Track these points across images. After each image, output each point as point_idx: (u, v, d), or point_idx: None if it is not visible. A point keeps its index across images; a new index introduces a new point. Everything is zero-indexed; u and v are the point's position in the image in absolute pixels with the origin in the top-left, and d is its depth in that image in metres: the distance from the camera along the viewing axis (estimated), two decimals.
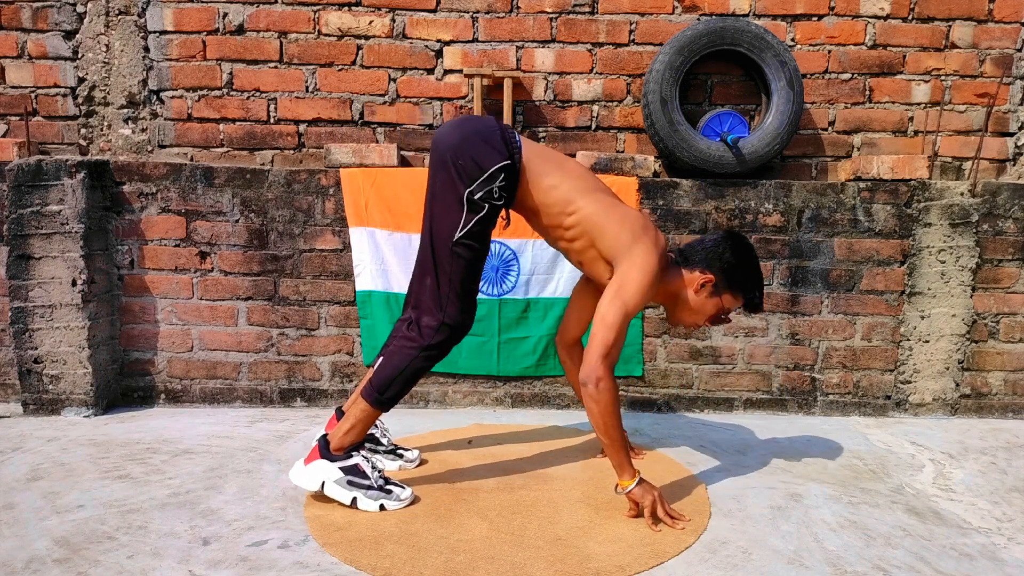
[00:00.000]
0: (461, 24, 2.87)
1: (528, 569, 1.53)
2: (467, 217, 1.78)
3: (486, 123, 1.84)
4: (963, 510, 1.91)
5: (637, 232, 1.80)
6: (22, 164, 2.52)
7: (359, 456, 1.85)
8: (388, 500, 1.82)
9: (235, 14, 2.84)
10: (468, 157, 1.78)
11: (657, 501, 1.75)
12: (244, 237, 2.67)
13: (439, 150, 1.83)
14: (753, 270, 1.89)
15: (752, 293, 1.89)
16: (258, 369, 2.73)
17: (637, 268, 1.76)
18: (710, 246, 1.89)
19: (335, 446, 1.84)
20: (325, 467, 1.82)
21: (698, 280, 1.87)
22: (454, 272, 1.81)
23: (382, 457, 2.07)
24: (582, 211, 1.82)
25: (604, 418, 1.72)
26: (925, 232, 2.68)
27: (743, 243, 1.90)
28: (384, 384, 1.84)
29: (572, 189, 1.83)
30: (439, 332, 1.82)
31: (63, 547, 1.60)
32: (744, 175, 2.72)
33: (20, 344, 2.57)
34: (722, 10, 2.87)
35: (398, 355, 1.85)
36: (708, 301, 1.89)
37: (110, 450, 2.23)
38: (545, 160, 1.86)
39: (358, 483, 1.82)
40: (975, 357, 2.76)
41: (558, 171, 1.85)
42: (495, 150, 1.78)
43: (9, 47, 2.86)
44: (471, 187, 1.77)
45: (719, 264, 1.86)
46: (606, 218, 1.81)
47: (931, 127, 2.94)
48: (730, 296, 1.89)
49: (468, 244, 1.80)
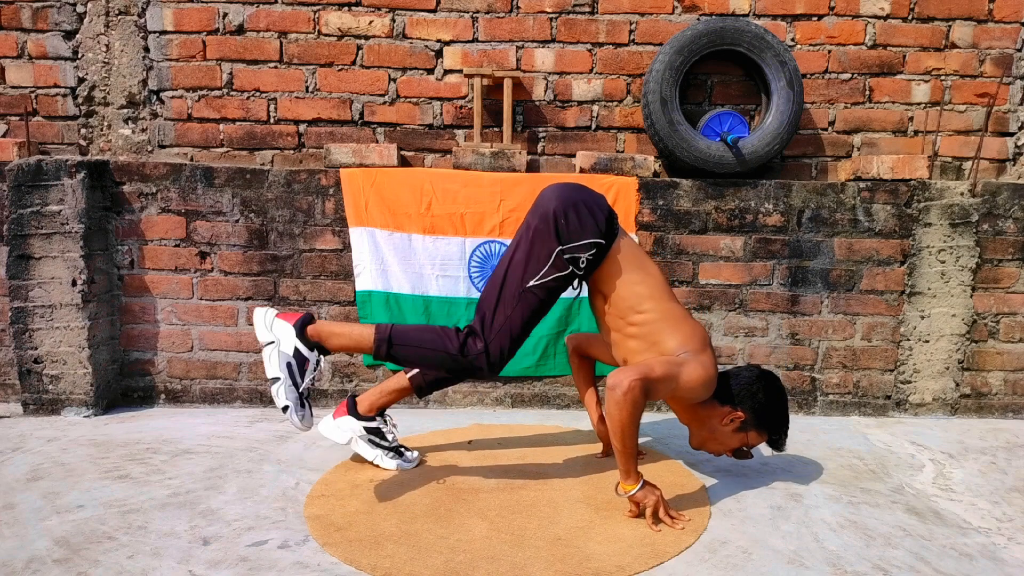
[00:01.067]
0: (461, 24, 2.87)
1: (528, 569, 1.53)
2: (549, 270, 1.83)
3: (598, 196, 1.92)
4: (963, 510, 1.91)
5: (704, 343, 1.85)
6: (22, 164, 2.52)
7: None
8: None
9: (235, 14, 2.84)
10: (575, 220, 1.83)
11: (659, 502, 1.75)
12: (244, 237, 2.67)
13: (548, 202, 1.86)
14: (782, 412, 1.93)
15: (778, 434, 1.94)
16: (258, 369, 2.73)
17: (700, 366, 1.78)
18: (744, 383, 1.91)
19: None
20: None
21: (728, 415, 1.90)
22: (516, 312, 1.84)
23: (382, 454, 2.08)
24: (652, 314, 1.86)
25: (623, 426, 1.70)
26: (925, 232, 2.68)
27: (776, 385, 1.94)
28: (402, 340, 1.84)
29: (650, 291, 1.88)
30: (477, 358, 1.84)
31: (63, 547, 1.60)
32: (744, 175, 2.73)
33: (20, 344, 2.57)
34: (722, 10, 2.87)
35: (437, 335, 1.85)
36: (734, 436, 1.93)
37: (110, 450, 2.23)
38: (634, 256, 1.91)
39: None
40: (975, 357, 2.76)
41: (641, 270, 1.90)
42: (595, 226, 1.84)
43: (9, 47, 2.86)
44: (564, 246, 1.82)
45: (751, 403, 1.89)
46: (676, 327, 1.85)
47: (931, 127, 2.94)
48: (756, 433, 1.93)
49: (538, 293, 1.84)
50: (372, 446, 2.07)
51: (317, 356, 1.86)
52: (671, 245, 2.71)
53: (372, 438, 2.07)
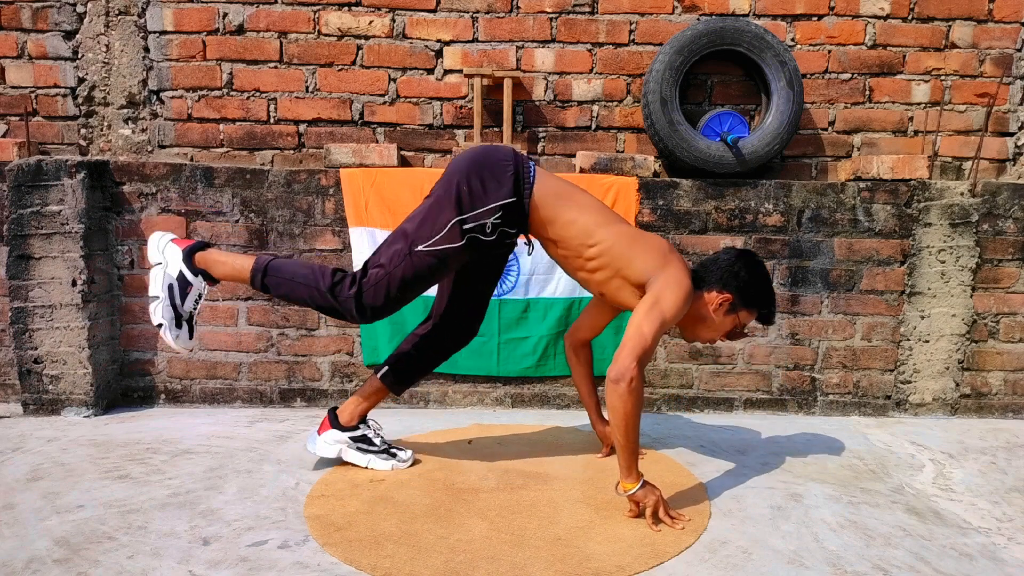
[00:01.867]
0: (461, 24, 2.87)
1: (528, 569, 1.53)
2: (440, 239, 1.80)
3: (503, 152, 1.87)
4: (963, 510, 1.91)
5: (665, 256, 1.85)
6: (22, 164, 2.52)
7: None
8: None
9: (235, 14, 2.84)
10: (478, 186, 1.80)
11: (659, 502, 1.75)
12: (244, 237, 2.67)
13: (453, 167, 1.86)
14: (766, 286, 1.95)
15: (767, 308, 1.95)
16: (258, 369, 2.74)
17: (673, 285, 1.80)
18: (725, 266, 1.92)
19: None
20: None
21: (716, 300, 1.91)
22: (401, 268, 1.82)
23: (374, 457, 2.08)
24: (603, 243, 1.85)
25: (627, 419, 1.70)
26: (925, 232, 2.68)
27: (755, 260, 1.96)
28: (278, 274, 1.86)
29: (594, 221, 1.87)
30: (347, 299, 1.83)
31: (63, 547, 1.60)
32: (744, 175, 2.73)
33: (20, 344, 2.57)
34: (722, 10, 2.87)
35: (312, 271, 1.86)
36: (726, 319, 1.94)
37: (110, 450, 2.23)
38: (560, 194, 1.89)
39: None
40: (975, 357, 2.76)
41: (575, 206, 1.88)
42: (503, 185, 1.81)
43: (9, 47, 2.86)
44: (463, 216, 1.80)
45: (735, 283, 1.90)
46: (631, 248, 1.85)
47: (931, 127, 2.94)
48: (746, 312, 1.95)
49: (423, 258, 1.81)
50: (362, 452, 2.08)
51: (202, 282, 1.89)
52: None
53: (360, 445, 2.08)
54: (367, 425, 2.11)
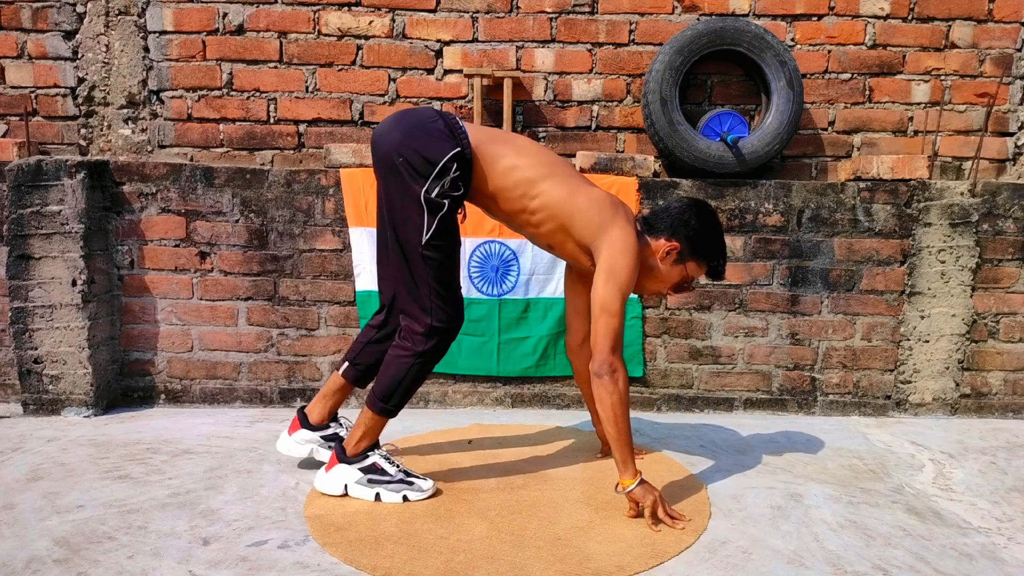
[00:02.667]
0: (461, 24, 2.87)
1: (528, 569, 1.53)
2: (429, 219, 1.74)
3: (426, 113, 1.79)
4: (963, 510, 1.91)
5: (608, 212, 1.78)
6: (22, 164, 2.52)
7: (376, 455, 1.90)
8: (410, 491, 1.88)
9: (235, 14, 2.84)
10: (415, 153, 1.72)
11: (658, 501, 1.75)
12: (244, 237, 2.67)
13: (382, 151, 1.76)
14: (717, 237, 1.88)
15: (716, 260, 1.88)
16: (258, 369, 2.73)
17: (619, 250, 1.75)
18: (675, 213, 1.86)
19: (351, 452, 1.89)
20: (345, 471, 1.89)
21: (664, 248, 1.85)
22: (430, 275, 1.78)
23: None
24: (546, 194, 1.78)
25: (616, 409, 1.71)
26: (925, 232, 2.68)
27: (708, 210, 1.89)
28: (387, 393, 1.85)
29: (532, 170, 1.79)
30: (430, 337, 1.82)
31: (63, 547, 1.60)
32: (744, 175, 2.72)
33: (20, 344, 2.57)
34: (722, 10, 2.87)
35: (395, 364, 1.85)
36: (673, 268, 1.88)
37: (110, 450, 2.23)
38: (495, 141, 1.81)
39: (378, 479, 1.88)
40: (975, 357, 2.76)
41: (512, 151, 1.81)
42: (442, 140, 1.73)
43: (9, 47, 2.86)
44: (426, 185, 1.72)
45: (684, 231, 1.84)
46: (573, 201, 1.78)
47: (931, 127, 2.94)
48: (694, 264, 1.88)
49: (437, 244, 1.76)
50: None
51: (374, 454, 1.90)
52: None
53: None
54: (338, 423, 2.11)
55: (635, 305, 2.70)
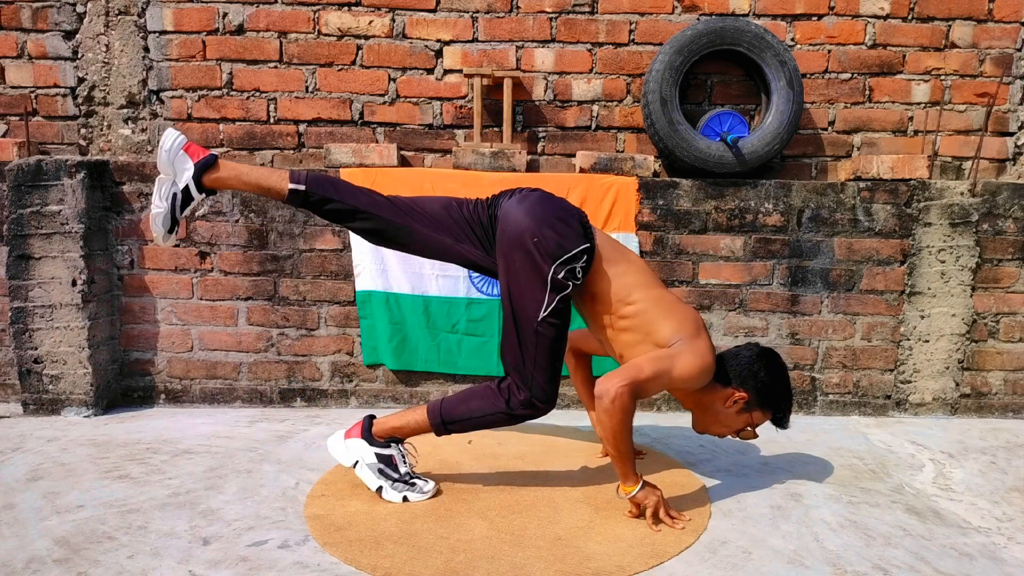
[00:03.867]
0: (461, 24, 2.87)
1: (528, 569, 1.53)
2: (551, 296, 1.78)
3: (565, 204, 1.87)
4: (963, 510, 1.91)
5: (696, 328, 1.82)
6: (22, 164, 2.52)
7: (395, 449, 1.91)
8: (411, 492, 1.88)
9: (235, 14, 2.84)
10: (551, 239, 1.77)
11: (659, 502, 1.75)
12: (244, 237, 2.67)
13: (516, 230, 1.79)
14: (785, 389, 1.89)
15: (782, 412, 1.90)
16: (258, 369, 2.73)
17: (693, 353, 1.76)
18: (745, 363, 1.87)
19: (377, 431, 1.90)
20: (363, 448, 1.89)
21: (732, 396, 1.86)
22: (539, 350, 1.80)
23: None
24: (642, 303, 1.82)
25: (615, 431, 1.70)
26: (925, 232, 2.68)
27: (777, 362, 1.90)
28: (454, 418, 1.87)
29: (636, 280, 1.84)
30: (526, 407, 1.83)
31: (63, 547, 1.60)
32: (744, 175, 2.72)
33: (20, 344, 2.57)
34: (722, 10, 2.87)
35: (483, 400, 1.86)
36: (738, 417, 1.89)
37: (110, 450, 2.23)
38: (612, 248, 1.89)
39: (388, 473, 1.89)
40: (975, 357, 2.76)
41: (624, 260, 1.87)
42: (576, 233, 1.80)
43: (9, 47, 2.86)
44: (555, 265, 1.76)
45: (753, 383, 1.85)
46: (666, 315, 1.81)
47: (931, 127, 2.94)
48: (760, 412, 1.89)
49: (552, 322, 1.79)
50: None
51: (398, 447, 1.91)
52: (671, 245, 2.71)
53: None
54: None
55: None
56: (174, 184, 1.84)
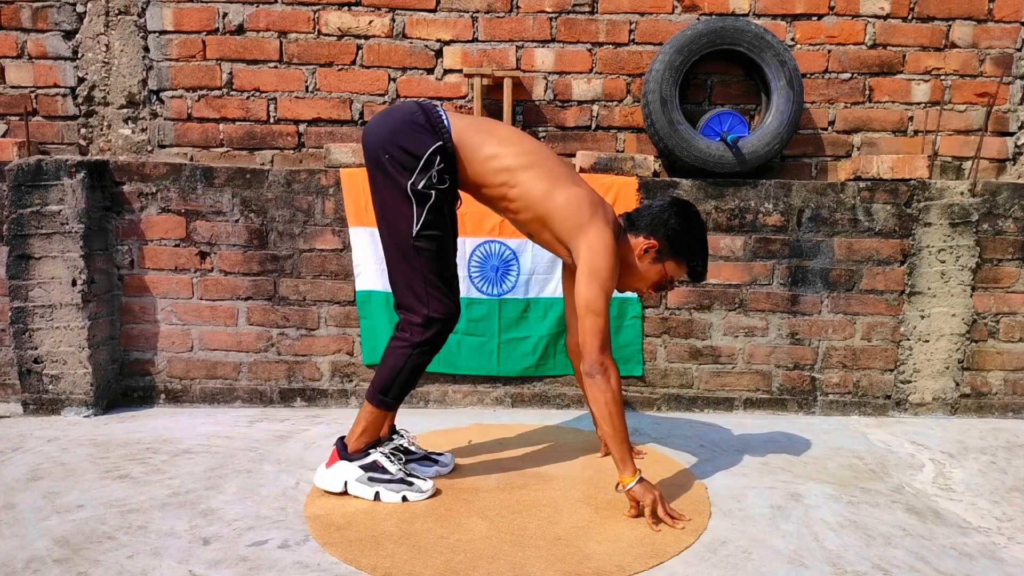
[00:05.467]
0: (461, 24, 2.87)
1: (528, 569, 1.53)
2: (418, 210, 1.76)
3: (407, 108, 1.81)
4: (963, 510, 1.91)
5: (586, 211, 1.79)
6: (22, 164, 2.52)
7: (377, 453, 1.90)
8: (410, 491, 1.88)
9: (235, 14, 2.84)
10: (398, 148, 1.75)
11: (657, 500, 1.75)
12: (244, 237, 2.67)
13: (369, 148, 1.80)
14: (698, 238, 1.87)
15: (696, 261, 1.88)
16: (258, 369, 2.73)
17: (597, 249, 1.75)
18: (656, 212, 1.87)
19: (352, 448, 1.90)
20: (345, 468, 1.89)
21: (642, 245, 1.85)
22: (424, 266, 1.79)
23: (417, 466, 2.03)
24: (524, 185, 1.79)
25: (610, 407, 1.72)
26: (925, 232, 2.68)
27: (689, 210, 1.89)
28: (385, 385, 1.86)
29: (513, 159, 1.80)
30: (428, 328, 1.83)
31: (63, 547, 1.60)
32: (744, 175, 2.72)
33: (20, 344, 2.57)
34: (722, 10, 2.87)
35: (393, 355, 1.86)
36: (651, 267, 1.88)
37: (110, 450, 2.23)
38: (478, 131, 1.83)
39: (379, 478, 1.88)
40: (975, 357, 2.76)
41: (494, 140, 1.82)
42: (424, 134, 1.76)
43: (9, 47, 2.86)
44: (412, 179, 1.75)
45: (664, 230, 1.84)
46: (552, 197, 1.78)
47: (931, 127, 2.94)
48: (673, 264, 1.88)
49: (428, 235, 1.78)
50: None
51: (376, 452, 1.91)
52: None
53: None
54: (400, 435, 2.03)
55: (635, 305, 2.70)
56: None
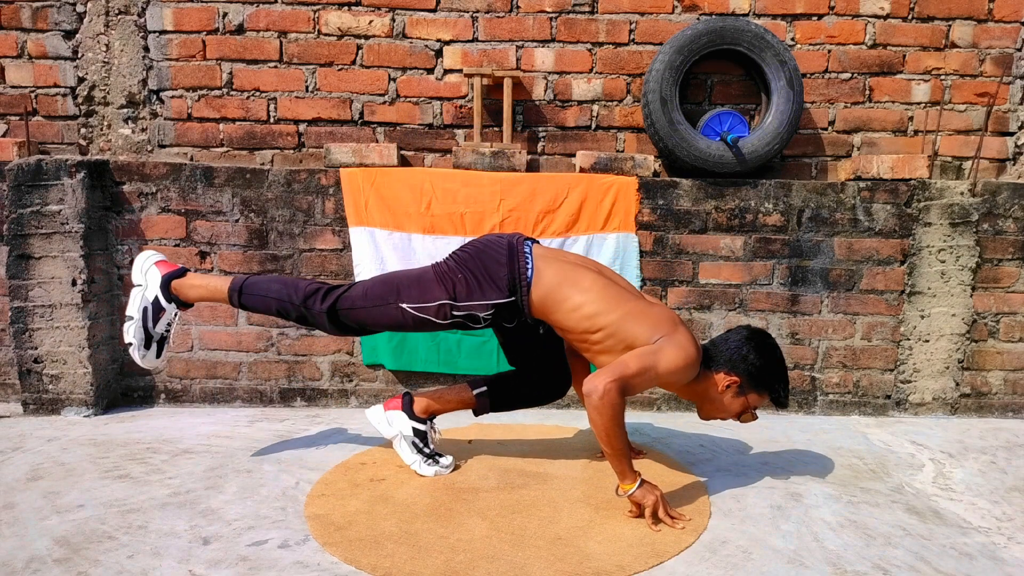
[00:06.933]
0: (461, 24, 2.87)
1: (528, 569, 1.53)
2: (425, 308, 1.85)
3: (499, 251, 1.87)
4: (963, 509, 1.91)
5: (674, 326, 1.82)
6: (22, 164, 2.52)
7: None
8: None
9: (235, 14, 2.84)
10: (472, 277, 1.83)
11: (659, 502, 1.75)
12: (244, 237, 2.67)
13: (465, 250, 1.91)
14: (777, 368, 1.88)
15: (778, 392, 1.89)
16: (258, 369, 2.73)
17: (674, 347, 1.76)
18: (734, 348, 1.88)
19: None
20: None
21: (724, 382, 1.87)
22: (374, 310, 1.87)
23: (420, 460, 2.05)
24: (609, 327, 1.81)
25: (607, 428, 1.70)
26: (925, 231, 2.68)
27: (767, 343, 1.90)
28: (253, 292, 1.94)
29: (597, 308, 1.81)
30: (319, 314, 1.90)
31: (63, 547, 1.60)
32: (744, 175, 2.72)
33: (20, 344, 2.57)
34: (722, 9, 2.87)
35: (285, 291, 1.93)
36: (734, 401, 1.89)
37: (110, 450, 2.23)
38: (560, 284, 1.84)
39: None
40: (975, 356, 2.76)
41: (578, 291, 1.83)
42: (497, 283, 1.83)
43: (9, 47, 2.86)
44: (456, 304, 1.83)
45: (744, 366, 1.86)
46: (639, 323, 1.80)
47: (931, 127, 2.94)
48: (755, 395, 1.89)
49: (403, 315, 1.86)
50: (413, 451, 2.05)
51: (175, 310, 1.99)
52: (671, 245, 2.71)
53: (416, 441, 2.06)
54: (432, 425, 2.10)
55: None
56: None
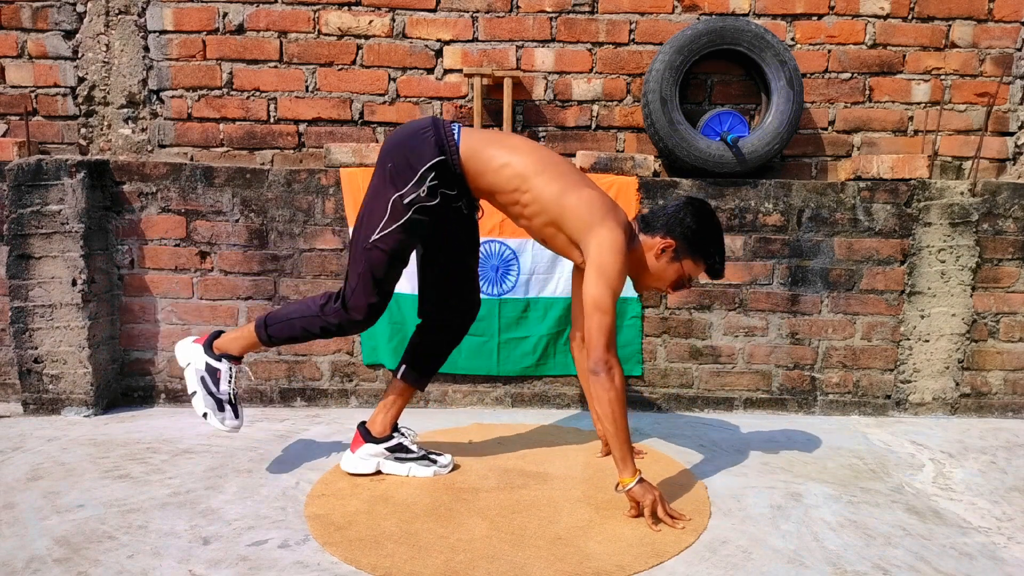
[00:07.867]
0: (461, 24, 2.87)
1: (528, 569, 1.53)
2: (387, 222, 1.82)
3: (421, 123, 1.87)
4: (963, 509, 1.91)
5: (598, 212, 1.81)
6: (22, 164, 2.52)
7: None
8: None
9: (235, 14, 2.84)
10: (402, 158, 1.82)
11: (657, 501, 1.75)
12: (244, 237, 2.67)
13: (381, 153, 1.88)
14: (714, 236, 1.89)
15: (713, 259, 1.89)
16: (258, 369, 2.73)
17: (607, 249, 1.76)
18: (671, 211, 1.89)
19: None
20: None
21: (658, 245, 1.87)
22: (364, 269, 1.86)
23: (414, 465, 2.05)
24: (536, 190, 1.82)
25: (613, 406, 1.72)
26: (925, 231, 2.68)
27: (705, 209, 1.91)
28: (276, 320, 1.96)
29: (524, 167, 1.83)
30: (336, 312, 1.91)
31: (63, 547, 1.60)
32: (744, 175, 2.72)
33: (20, 344, 2.57)
34: (722, 9, 2.87)
35: (303, 308, 1.95)
36: (669, 267, 1.90)
37: (110, 450, 2.23)
38: (490, 143, 1.87)
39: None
40: (975, 356, 2.76)
41: (505, 150, 1.85)
42: (427, 148, 1.81)
43: (9, 47, 2.86)
44: (402, 191, 1.81)
45: (679, 229, 1.86)
46: (563, 199, 1.81)
47: (931, 127, 2.94)
48: (691, 262, 1.90)
49: (381, 247, 1.83)
50: (401, 462, 2.04)
51: (227, 365, 2.00)
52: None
53: (398, 455, 2.04)
54: (400, 433, 2.07)
55: (635, 304, 2.70)
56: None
